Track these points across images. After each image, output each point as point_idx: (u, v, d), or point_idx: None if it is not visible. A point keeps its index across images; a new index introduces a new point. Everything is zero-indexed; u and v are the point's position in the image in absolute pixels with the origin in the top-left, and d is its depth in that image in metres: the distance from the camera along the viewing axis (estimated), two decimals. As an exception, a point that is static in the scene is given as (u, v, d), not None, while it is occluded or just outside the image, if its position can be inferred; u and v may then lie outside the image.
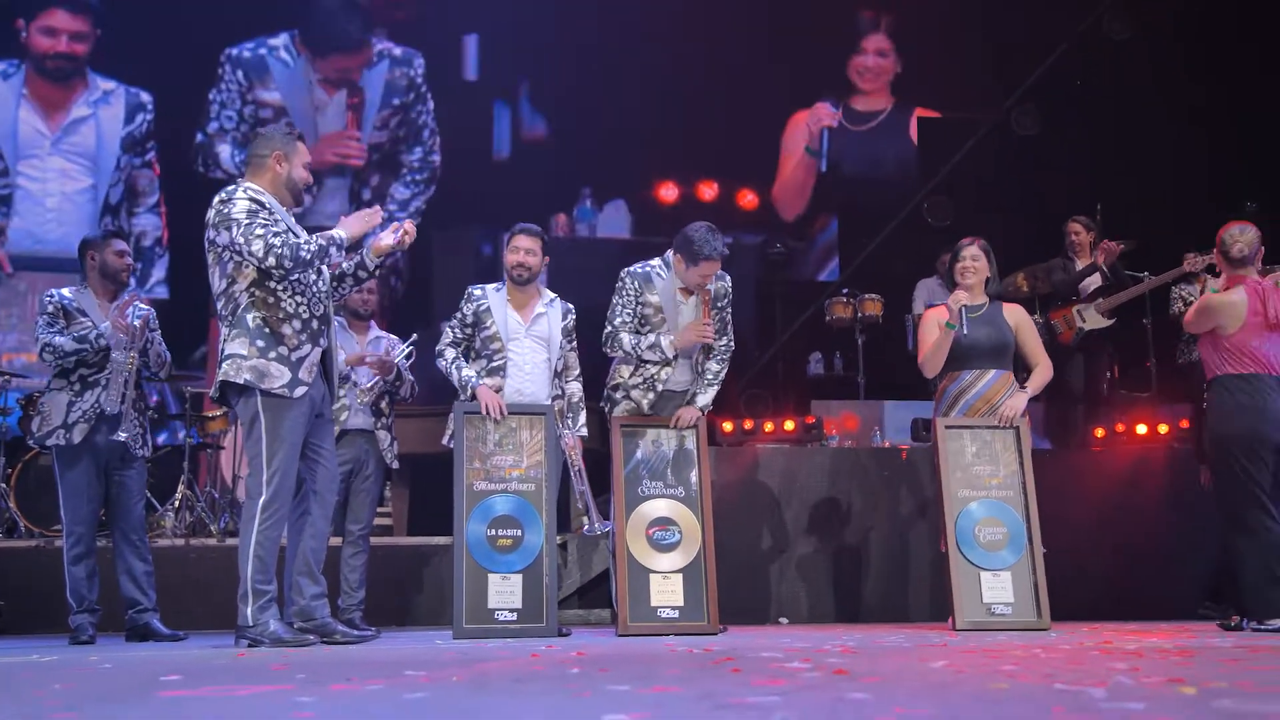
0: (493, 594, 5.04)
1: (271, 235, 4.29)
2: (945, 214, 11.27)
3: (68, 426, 5.20)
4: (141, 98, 11.34)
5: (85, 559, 5.27)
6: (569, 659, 3.02)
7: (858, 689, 2.06)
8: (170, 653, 4.15)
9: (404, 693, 2.11)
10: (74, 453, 5.22)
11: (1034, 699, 1.95)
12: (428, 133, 11.78)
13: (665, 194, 11.65)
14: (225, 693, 2.20)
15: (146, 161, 11.32)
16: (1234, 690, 2.04)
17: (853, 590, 6.78)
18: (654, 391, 5.43)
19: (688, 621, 5.13)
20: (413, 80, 11.84)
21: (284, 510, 4.36)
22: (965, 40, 11.73)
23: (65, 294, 5.42)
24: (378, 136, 11.74)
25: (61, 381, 5.26)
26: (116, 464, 5.33)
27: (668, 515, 5.32)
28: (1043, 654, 3.11)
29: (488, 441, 5.22)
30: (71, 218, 11.03)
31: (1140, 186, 10.20)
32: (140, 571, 5.35)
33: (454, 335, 5.44)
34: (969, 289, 5.63)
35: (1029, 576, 5.35)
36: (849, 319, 8.89)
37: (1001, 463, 5.52)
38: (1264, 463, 5.08)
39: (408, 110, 11.79)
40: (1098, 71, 11.37)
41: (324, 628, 4.48)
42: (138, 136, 11.31)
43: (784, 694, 1.99)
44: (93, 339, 5.20)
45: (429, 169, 11.74)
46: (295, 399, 4.35)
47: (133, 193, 11.28)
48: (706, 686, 2.15)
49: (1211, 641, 3.90)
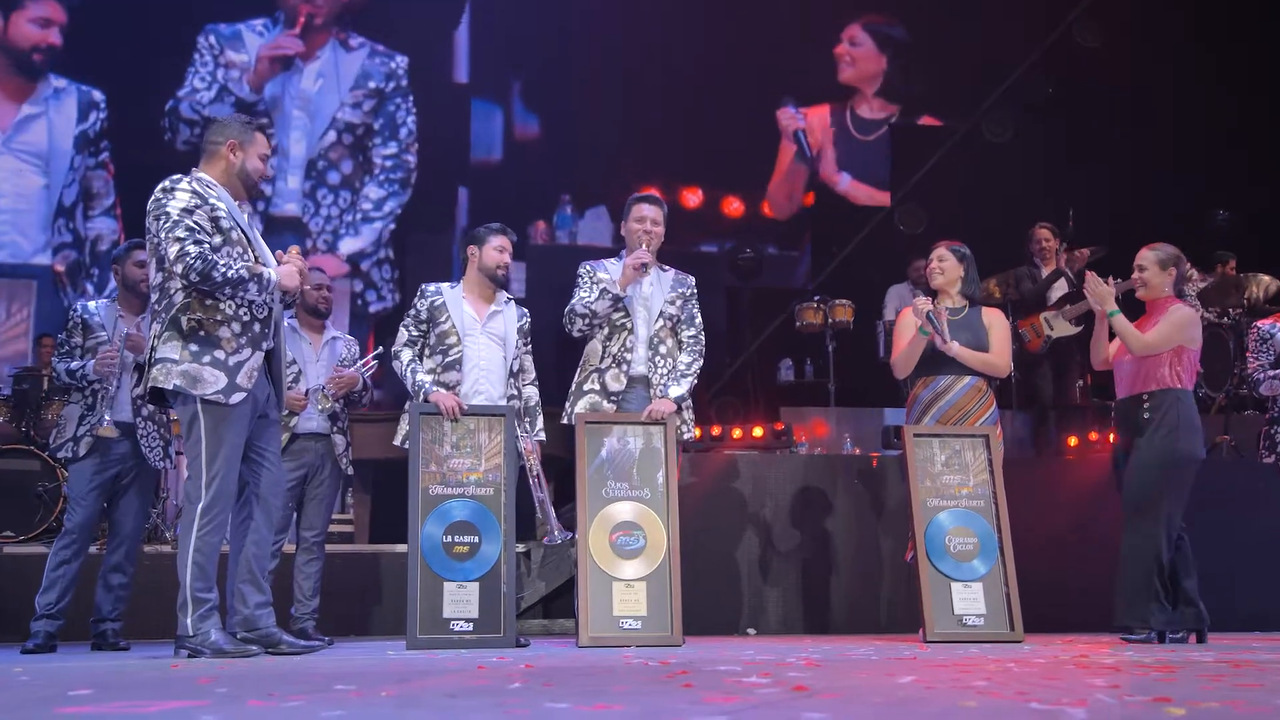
0: (448, 603, 4.85)
1: (191, 243, 4.09)
2: (917, 221, 11.19)
3: (75, 439, 5.26)
4: (94, 96, 11.06)
5: (68, 564, 5.25)
6: (516, 672, 2.86)
7: (814, 707, 1.91)
8: (101, 664, 3.96)
9: (322, 710, 1.94)
10: (80, 464, 5.25)
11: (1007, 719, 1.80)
12: (405, 131, 11.54)
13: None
14: (130, 709, 2.02)
15: (101, 162, 11.04)
16: (1226, 711, 1.89)
17: (823, 600, 6.65)
18: (626, 365, 5.32)
19: (650, 632, 4.95)
20: (394, 71, 11.63)
21: (224, 515, 4.17)
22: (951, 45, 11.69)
23: (91, 307, 5.47)
24: (349, 114, 11.50)
25: (78, 396, 5.33)
26: (132, 475, 5.35)
27: (632, 519, 5.10)
28: (1016, 668, 2.96)
29: (444, 444, 5.03)
30: (26, 220, 10.73)
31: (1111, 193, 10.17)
32: (116, 582, 5.35)
33: (409, 334, 5.29)
34: (938, 290, 5.57)
35: (1001, 587, 5.23)
36: (819, 325, 8.78)
37: (971, 471, 5.40)
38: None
39: (385, 99, 11.55)
40: (1069, 79, 11.33)
41: (268, 638, 4.28)
42: (91, 135, 11.02)
43: (733, 713, 1.83)
44: (79, 377, 5.28)
45: (404, 169, 11.49)
46: (232, 405, 4.16)
47: (88, 195, 10.98)
48: (652, 704, 1.99)
49: (1191, 656, 3.76)
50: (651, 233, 5.40)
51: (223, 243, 4.18)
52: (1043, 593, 5.68)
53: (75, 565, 5.27)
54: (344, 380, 5.55)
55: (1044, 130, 11.20)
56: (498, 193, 11.21)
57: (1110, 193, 10.24)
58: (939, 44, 11.88)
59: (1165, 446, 5.13)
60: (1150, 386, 5.19)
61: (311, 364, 5.61)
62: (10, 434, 7.35)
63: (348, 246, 11.39)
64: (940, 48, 11.82)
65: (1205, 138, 10.81)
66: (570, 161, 11.31)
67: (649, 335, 5.41)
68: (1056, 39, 11.64)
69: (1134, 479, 5.18)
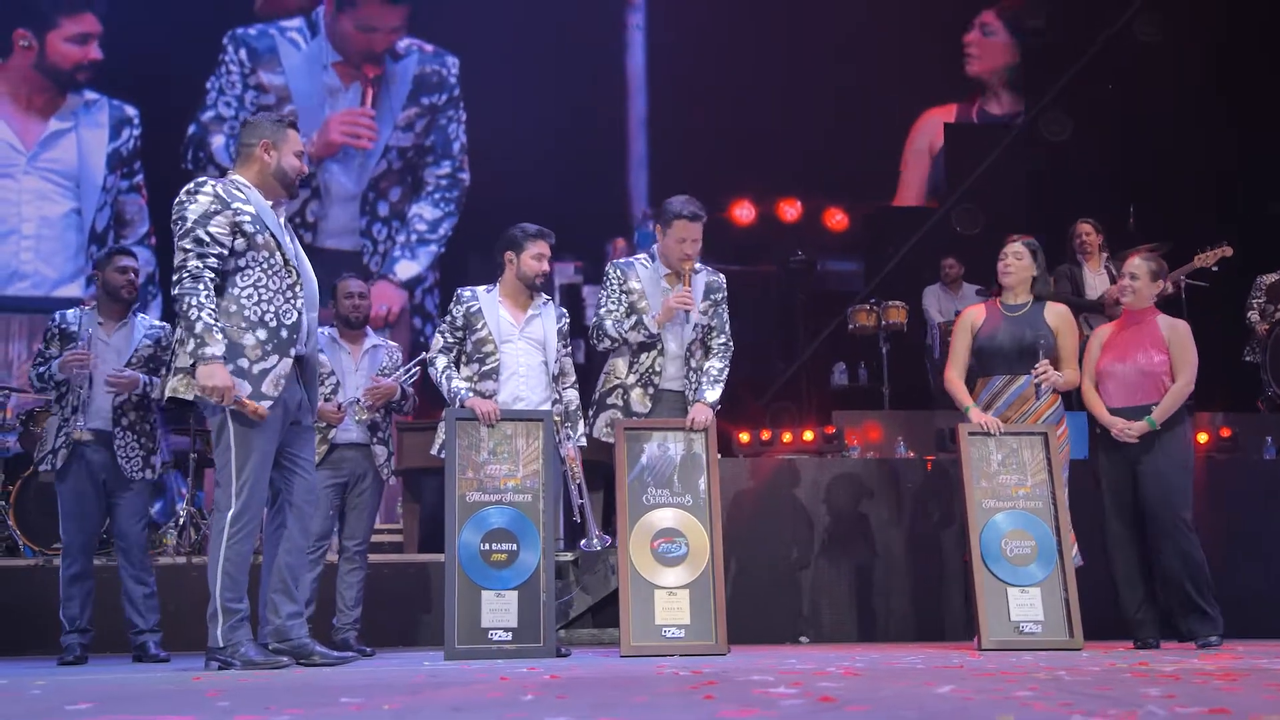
0: (486, 612, 4.75)
1: (195, 256, 3.98)
2: (974, 222, 10.98)
3: (54, 451, 5.23)
4: (127, 111, 10.37)
5: (80, 580, 5.24)
6: (535, 684, 2.74)
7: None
8: (120, 676, 3.90)
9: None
10: (63, 475, 5.22)
11: (1041, 733, 1.65)
12: (458, 146, 10.93)
13: (741, 214, 11.03)
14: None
15: (134, 185, 10.34)
16: (1283, 722, 1.73)
17: (879, 607, 6.49)
18: (653, 387, 5.18)
19: (694, 641, 4.81)
20: (445, 79, 10.90)
21: (254, 524, 4.08)
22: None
23: (69, 315, 5.44)
24: (401, 139, 10.79)
25: (56, 407, 5.30)
26: (115, 485, 5.29)
27: (674, 526, 4.97)
28: (1068, 677, 2.79)
29: (481, 450, 4.93)
30: (51, 247, 9.94)
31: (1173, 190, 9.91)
32: (139, 595, 5.32)
33: (444, 340, 5.18)
34: (1009, 288, 5.41)
35: (1060, 592, 5.05)
36: (872, 327, 8.62)
37: (1030, 471, 5.21)
38: None
39: (437, 114, 10.85)
40: (1128, 75, 11.07)
41: (300, 649, 4.19)
42: (124, 154, 10.32)
43: (743, 727, 1.70)
44: (47, 378, 5.27)
45: (459, 187, 10.90)
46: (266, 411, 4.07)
47: (119, 220, 10.23)
48: (656, 718, 1.86)
49: (1259, 664, 3.55)
50: (693, 255, 5.18)
51: (246, 247, 4.09)
52: (1107, 599, 5.46)
53: (88, 580, 5.28)
54: (380, 391, 5.48)
55: (1102, 128, 10.94)
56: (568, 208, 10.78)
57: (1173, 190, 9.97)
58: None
59: (1184, 450, 5.23)
60: (1157, 396, 5.20)
61: (350, 374, 5.54)
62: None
63: (404, 270, 10.76)
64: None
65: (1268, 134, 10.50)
66: (652, 172, 11.00)
67: (682, 351, 5.26)
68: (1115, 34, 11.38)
69: (1163, 486, 5.15)
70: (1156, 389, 5.22)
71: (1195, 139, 10.52)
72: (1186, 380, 5.21)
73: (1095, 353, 5.38)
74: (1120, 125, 10.87)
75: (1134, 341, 5.29)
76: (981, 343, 5.35)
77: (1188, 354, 5.24)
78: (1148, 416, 5.17)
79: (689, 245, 5.13)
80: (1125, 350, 5.29)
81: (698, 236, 5.14)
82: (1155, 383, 5.22)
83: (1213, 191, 10.22)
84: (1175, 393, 5.20)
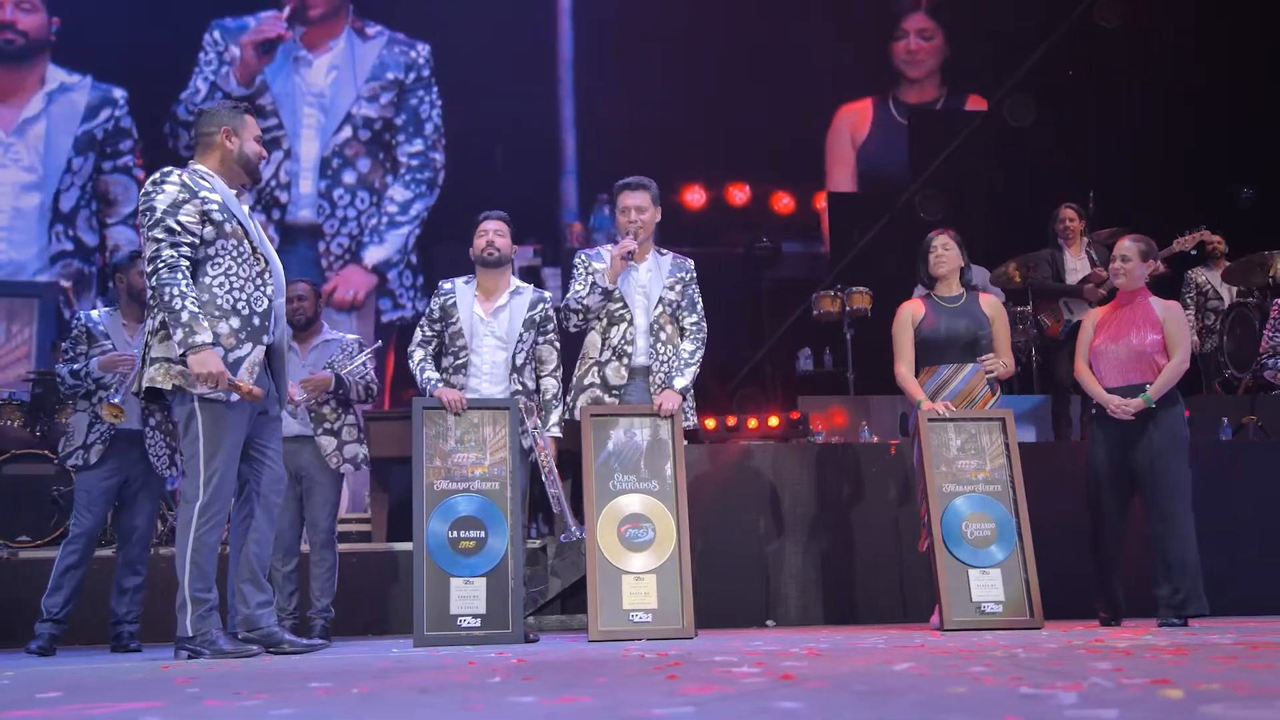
0: (455, 599, 4.79)
1: (168, 245, 4.00)
2: (937, 207, 11.06)
3: (86, 447, 5.28)
4: (113, 94, 10.49)
5: (75, 569, 5.28)
6: (503, 667, 2.78)
7: (792, 696, 1.82)
8: (91, 666, 3.92)
9: (276, 708, 1.86)
10: (90, 471, 5.27)
11: (987, 706, 1.70)
12: (431, 127, 11.00)
13: (692, 198, 11.21)
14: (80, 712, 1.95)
15: (120, 166, 10.46)
16: (1226, 693, 1.79)
17: (844, 590, 6.55)
18: (627, 358, 5.22)
19: (661, 625, 4.87)
20: (414, 60, 11.01)
21: (222, 515, 4.10)
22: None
23: (94, 315, 5.50)
24: (366, 108, 10.90)
25: (85, 404, 5.33)
26: (136, 482, 5.37)
27: (640, 511, 5.01)
28: (1023, 654, 2.86)
29: (449, 439, 4.97)
30: (24, 234, 10.06)
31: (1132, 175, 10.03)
32: (130, 585, 5.39)
33: (423, 334, 5.25)
34: (941, 278, 5.53)
35: (1020, 573, 5.12)
36: (837, 313, 8.68)
37: (988, 456, 5.29)
38: None
39: (406, 92, 10.96)
40: (1089, 61, 11.17)
41: (270, 637, 4.22)
42: (99, 136, 10.44)
43: (700, 704, 1.74)
44: (83, 375, 5.28)
45: (430, 168, 10.97)
46: (232, 403, 4.09)
47: (105, 200, 10.39)
48: (621, 696, 1.90)
49: (1211, 639, 3.64)
50: (636, 220, 5.26)
51: (216, 235, 4.10)
52: (1064, 579, 5.56)
53: (82, 570, 5.29)
54: (312, 383, 5.44)
55: (1064, 113, 11.05)
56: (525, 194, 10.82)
57: (1132, 174, 10.09)
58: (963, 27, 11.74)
59: (1178, 429, 5.26)
60: (1150, 376, 5.26)
61: (298, 372, 5.49)
62: (24, 438, 7.33)
63: (372, 256, 10.87)
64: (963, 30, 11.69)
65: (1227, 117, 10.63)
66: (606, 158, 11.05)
67: (648, 324, 5.31)
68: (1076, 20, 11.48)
69: (1160, 465, 5.20)
70: (1151, 368, 5.27)
71: (1156, 124, 10.64)
72: (1182, 358, 5.25)
73: (1089, 334, 5.46)
74: (1082, 111, 10.98)
75: (1128, 321, 5.35)
76: (925, 335, 5.45)
77: (1183, 333, 5.30)
78: (1143, 393, 5.22)
79: (631, 213, 5.24)
80: (1119, 330, 5.35)
81: (639, 204, 5.25)
82: (1149, 361, 5.27)
83: (1174, 176, 10.34)
84: (1171, 369, 5.24)
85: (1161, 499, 5.21)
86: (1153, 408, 5.22)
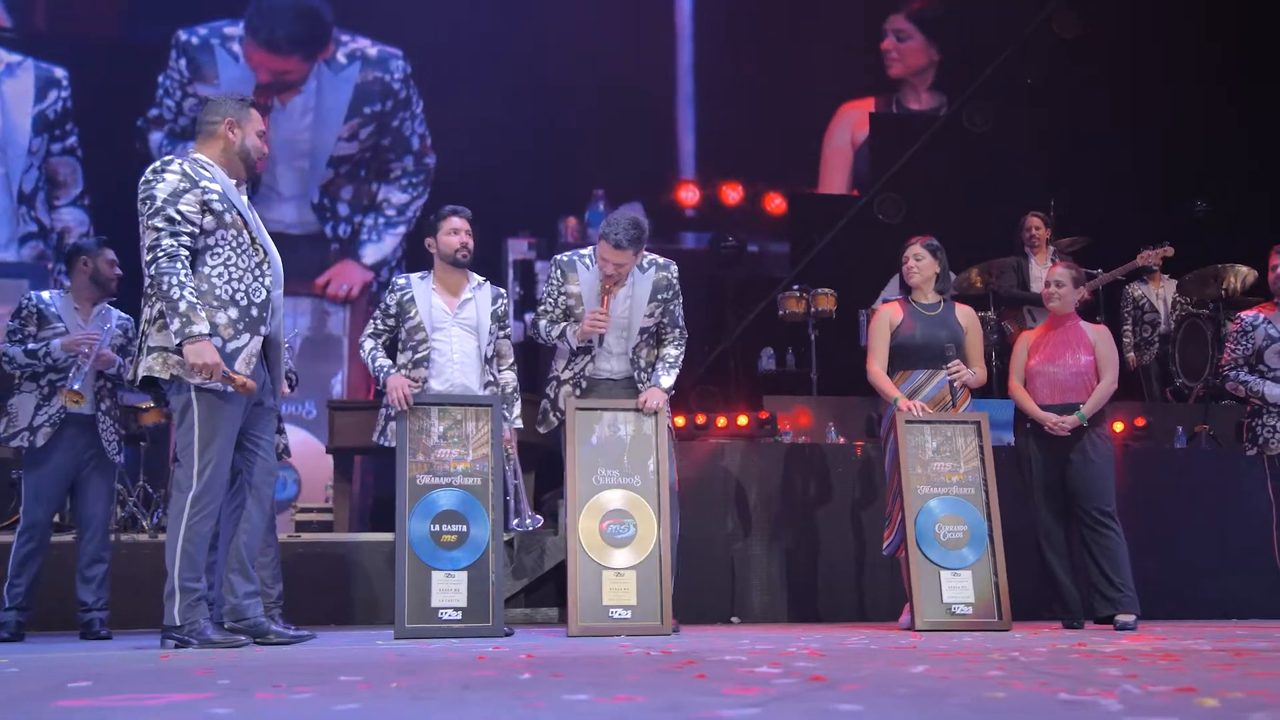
0: (436, 592, 4.80)
1: (168, 235, 3.97)
2: (896, 211, 11.17)
3: (33, 429, 5.22)
4: (55, 73, 10.30)
5: (33, 558, 5.23)
6: (519, 662, 2.80)
7: (843, 699, 1.87)
8: (89, 654, 3.89)
9: (335, 702, 1.88)
10: (38, 455, 5.23)
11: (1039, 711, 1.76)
12: (416, 140, 11.03)
13: (686, 196, 11.21)
14: (134, 702, 1.96)
15: (67, 148, 10.32)
16: (1257, 701, 1.87)
17: (807, 589, 6.64)
18: (582, 387, 5.23)
19: (640, 621, 4.91)
20: (388, 86, 10.97)
21: (215, 505, 4.08)
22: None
23: (44, 297, 5.39)
24: (344, 148, 10.89)
25: (31, 385, 5.25)
26: (87, 466, 5.31)
27: (622, 507, 5.05)
28: (1022, 657, 2.94)
29: (431, 434, 4.98)
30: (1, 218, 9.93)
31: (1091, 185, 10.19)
32: (95, 574, 5.35)
33: (375, 327, 5.27)
34: (916, 287, 5.64)
35: (990, 576, 5.23)
36: (802, 314, 8.76)
37: (963, 458, 5.39)
38: None
39: (385, 119, 10.95)
40: (1048, 70, 11.34)
41: (257, 627, 4.21)
42: (51, 117, 10.29)
43: (761, 704, 1.79)
44: (41, 355, 5.20)
45: (424, 170, 11.00)
46: (228, 393, 4.07)
47: (52, 182, 10.26)
48: (672, 696, 1.94)
49: (1188, 644, 3.75)
50: (612, 276, 5.01)
51: (215, 226, 4.09)
52: (1031, 582, 5.70)
53: (40, 558, 5.26)
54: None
55: (1024, 121, 11.20)
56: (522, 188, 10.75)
57: (1090, 184, 10.25)
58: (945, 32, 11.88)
59: (1107, 443, 5.62)
60: (1083, 395, 5.57)
61: None
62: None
63: (370, 254, 10.90)
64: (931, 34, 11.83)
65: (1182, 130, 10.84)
66: (602, 154, 10.96)
67: (628, 352, 5.26)
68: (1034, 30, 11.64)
69: (1095, 478, 5.51)
70: (1085, 387, 5.58)
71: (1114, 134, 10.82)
72: (1111, 379, 5.59)
73: (1023, 355, 5.74)
74: (1041, 118, 11.15)
75: (1062, 343, 5.64)
76: (901, 340, 5.55)
77: (1113, 355, 5.66)
78: (1078, 411, 5.50)
79: (609, 268, 5.01)
80: (1055, 352, 5.63)
81: (622, 262, 4.99)
82: (1084, 381, 5.58)
83: (1131, 185, 10.53)
84: (1102, 389, 5.56)
85: (1088, 509, 5.49)
86: (1084, 425, 5.50)
